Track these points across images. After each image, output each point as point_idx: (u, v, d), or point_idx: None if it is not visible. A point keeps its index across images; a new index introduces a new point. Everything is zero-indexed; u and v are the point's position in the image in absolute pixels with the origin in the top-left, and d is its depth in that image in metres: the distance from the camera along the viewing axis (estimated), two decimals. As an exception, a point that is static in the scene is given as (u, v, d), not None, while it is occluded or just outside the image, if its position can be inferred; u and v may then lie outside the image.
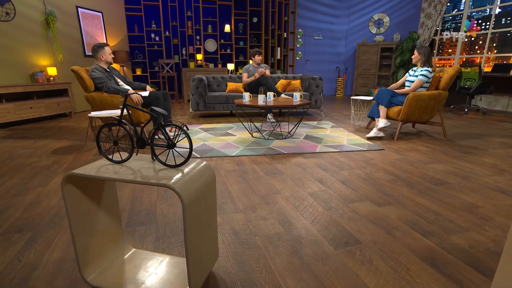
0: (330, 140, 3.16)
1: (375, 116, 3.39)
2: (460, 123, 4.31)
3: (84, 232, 1.06)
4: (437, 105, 3.25)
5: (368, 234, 1.41)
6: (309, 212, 1.62)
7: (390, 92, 3.31)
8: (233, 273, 1.15)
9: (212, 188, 1.07)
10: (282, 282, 1.09)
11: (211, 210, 1.07)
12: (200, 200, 0.96)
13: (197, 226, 0.95)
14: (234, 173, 2.23)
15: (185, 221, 0.88)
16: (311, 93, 4.66)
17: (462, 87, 5.61)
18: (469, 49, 7.59)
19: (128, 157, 1.01)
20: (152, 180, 0.88)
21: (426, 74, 3.24)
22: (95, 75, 3.04)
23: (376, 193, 1.87)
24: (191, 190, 0.91)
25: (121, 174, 0.92)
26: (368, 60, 7.78)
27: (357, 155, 2.67)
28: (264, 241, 1.35)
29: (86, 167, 0.99)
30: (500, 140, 3.28)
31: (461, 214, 1.61)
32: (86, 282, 1.05)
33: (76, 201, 1.02)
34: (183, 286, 1.04)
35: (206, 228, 1.03)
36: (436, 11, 7.05)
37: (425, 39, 7.26)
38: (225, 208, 1.68)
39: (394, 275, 1.13)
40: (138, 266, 1.16)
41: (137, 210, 1.67)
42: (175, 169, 0.97)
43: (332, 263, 1.20)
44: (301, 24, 8.07)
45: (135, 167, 0.99)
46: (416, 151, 2.81)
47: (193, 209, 0.91)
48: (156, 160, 1.01)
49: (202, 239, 1.00)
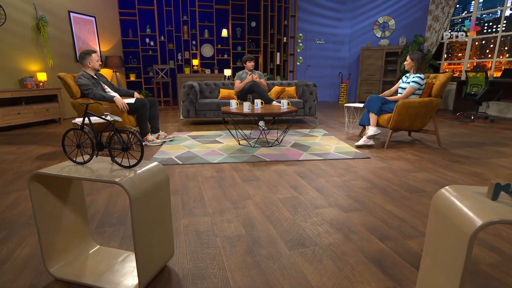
0: (317, 148, 3.33)
1: (366, 124, 3.55)
2: (462, 131, 4.44)
3: (49, 227, 1.25)
4: (429, 113, 3.40)
5: (325, 237, 1.57)
6: (274, 217, 1.79)
7: (380, 99, 3.47)
8: (187, 268, 1.32)
9: (165, 188, 1.25)
10: (230, 277, 1.26)
11: (163, 209, 1.25)
12: (149, 197, 1.15)
13: (146, 222, 1.14)
14: (212, 180, 2.41)
15: (133, 215, 1.06)
16: (305, 100, 4.86)
17: (468, 94, 5.74)
18: (479, 53, 7.72)
19: (89, 159, 1.21)
20: (105, 178, 1.07)
21: (418, 81, 3.41)
22: (81, 81, 3.28)
23: (347, 199, 2.03)
24: (139, 187, 1.09)
25: (80, 173, 1.12)
26: (373, 65, 7.97)
27: (341, 163, 2.83)
28: (224, 242, 1.53)
29: (51, 167, 1.19)
30: (497, 149, 3.40)
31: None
32: (49, 273, 1.24)
33: (42, 198, 1.21)
34: (135, 277, 1.21)
35: (157, 225, 1.21)
36: (443, 14, 7.23)
37: (433, 43, 7.43)
38: (194, 212, 1.86)
39: (338, 274, 1.29)
40: (100, 261, 1.35)
41: (110, 212, 1.86)
42: (129, 170, 1.16)
43: (283, 262, 1.36)
44: (301, 28, 8.34)
45: (94, 167, 1.18)
46: (403, 160, 2.96)
47: (141, 204, 1.10)
48: (114, 161, 1.21)
49: (152, 235, 1.18)
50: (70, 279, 1.22)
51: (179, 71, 7.72)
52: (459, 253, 0.81)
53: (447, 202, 0.92)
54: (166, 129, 4.67)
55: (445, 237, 0.90)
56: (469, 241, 0.78)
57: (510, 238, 1.57)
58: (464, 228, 0.80)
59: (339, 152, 3.18)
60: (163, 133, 3.78)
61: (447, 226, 0.89)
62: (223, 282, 1.23)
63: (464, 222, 0.81)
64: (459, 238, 0.82)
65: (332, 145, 3.49)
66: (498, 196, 0.86)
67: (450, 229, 0.87)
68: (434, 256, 0.95)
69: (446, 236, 0.89)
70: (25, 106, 4.58)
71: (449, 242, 0.87)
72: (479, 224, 0.76)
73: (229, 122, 5.12)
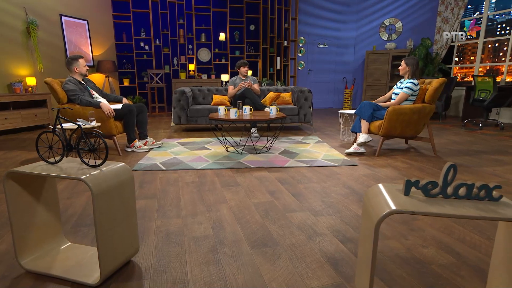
0: (306, 156, 3.51)
1: (357, 131, 3.74)
2: (465, 139, 4.58)
3: (22, 223, 1.46)
4: (423, 120, 3.57)
5: (289, 238, 1.76)
6: (245, 219, 1.98)
7: (372, 105, 3.66)
8: (151, 263, 1.52)
9: (129, 187, 1.46)
10: (189, 271, 1.45)
11: (127, 206, 1.46)
12: (112, 194, 1.35)
13: (108, 217, 1.34)
14: (192, 185, 2.62)
15: (95, 209, 1.27)
16: (300, 106, 5.07)
17: (476, 100, 5.88)
18: (492, 56, 7.87)
19: (60, 159, 1.43)
20: (71, 175, 1.28)
21: (410, 86, 3.60)
22: (68, 87, 3.55)
23: (320, 204, 2.21)
24: (102, 184, 1.30)
25: (50, 172, 1.33)
26: (378, 70, 8.17)
27: (325, 170, 3.01)
28: (190, 241, 1.72)
29: (25, 166, 1.41)
30: (496, 158, 3.54)
31: (394, 225, 1.93)
32: (20, 266, 1.44)
33: (16, 195, 1.43)
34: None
35: (120, 221, 1.41)
36: (453, 15, 7.43)
37: (442, 46, 7.61)
38: (168, 214, 2.06)
39: (292, 271, 1.47)
40: (70, 256, 1.55)
41: (87, 214, 2.07)
42: (94, 168, 1.37)
43: (242, 260, 1.55)
44: (303, 31, 8.61)
45: (64, 166, 1.40)
46: (391, 168, 3.13)
47: (103, 200, 1.30)
48: (82, 161, 1.42)
49: (115, 230, 1.39)
50: (39, 271, 1.43)
51: (174, 76, 8.02)
52: (370, 240, 1.00)
53: (370, 197, 1.11)
54: (157, 135, 4.91)
55: (365, 228, 1.09)
56: (374, 229, 0.97)
57: (467, 240, 1.73)
58: (373, 217, 0.99)
59: (327, 159, 3.36)
60: (151, 139, 4.01)
61: (367, 218, 1.08)
62: (182, 275, 1.43)
63: (375, 213, 1.00)
64: (370, 227, 1.01)
65: (322, 152, 3.67)
66: (410, 191, 1.05)
67: (368, 220, 1.06)
68: (363, 245, 1.14)
69: (366, 226, 1.08)
70: (13, 111, 4.88)
71: (367, 231, 1.06)
72: (382, 214, 0.95)
73: (222, 129, 5.34)
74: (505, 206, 0.96)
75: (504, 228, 1.08)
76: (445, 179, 1.01)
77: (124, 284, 1.37)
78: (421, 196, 1.04)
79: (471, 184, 0.99)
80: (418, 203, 0.98)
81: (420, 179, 1.04)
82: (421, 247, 1.67)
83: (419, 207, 0.95)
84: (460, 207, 0.95)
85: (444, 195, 1.02)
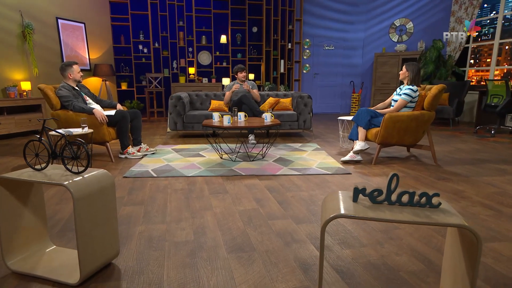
0: (300, 163, 3.69)
1: (354, 138, 3.90)
2: (471, 147, 4.69)
3: (9, 226, 1.67)
4: (421, 127, 3.72)
5: (267, 244, 1.93)
6: (227, 226, 2.16)
7: (370, 112, 3.82)
8: (130, 266, 1.71)
9: (110, 193, 1.66)
10: (165, 274, 1.64)
11: (108, 211, 1.65)
12: (93, 199, 1.55)
13: (88, 220, 1.54)
14: (180, 192, 2.82)
15: (75, 213, 1.47)
16: (299, 112, 5.25)
17: (488, 105, 5.99)
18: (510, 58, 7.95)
19: (45, 166, 1.64)
20: (54, 181, 1.49)
21: (409, 93, 3.75)
22: (61, 93, 3.80)
23: (304, 212, 2.38)
24: (83, 190, 1.50)
25: (36, 177, 1.54)
26: (388, 73, 8.31)
27: (317, 179, 3.18)
28: (171, 246, 1.91)
29: (13, 172, 1.62)
30: (499, 167, 3.66)
31: (373, 233, 2.09)
32: (6, 266, 1.65)
33: (4, 199, 1.64)
34: (81, 270, 1.61)
35: (100, 224, 1.61)
36: (467, 15, 7.56)
37: (456, 47, 7.74)
38: (153, 220, 2.26)
39: (264, 274, 1.64)
40: (54, 258, 1.75)
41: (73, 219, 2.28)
42: (77, 175, 1.57)
43: (217, 263, 1.73)
44: (308, 33, 8.82)
45: (49, 173, 1.61)
46: (385, 176, 3.28)
47: (84, 205, 1.50)
48: (66, 168, 1.63)
49: (95, 233, 1.58)
50: (24, 272, 1.63)
51: (174, 80, 8.28)
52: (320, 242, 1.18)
53: (326, 202, 1.29)
54: (153, 141, 5.14)
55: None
56: (320, 232, 1.14)
57: (444, 250, 1.88)
58: (322, 221, 1.17)
59: (321, 167, 3.53)
60: (145, 145, 4.24)
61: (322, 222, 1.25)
62: (158, 277, 1.61)
63: (324, 217, 1.18)
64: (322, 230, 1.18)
65: (317, 160, 3.84)
66: (358, 198, 1.22)
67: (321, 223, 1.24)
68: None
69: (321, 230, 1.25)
70: (7, 116, 5.17)
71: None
72: (328, 217, 1.13)
73: (219, 135, 5.55)
74: (440, 212, 1.13)
75: (450, 235, 1.25)
76: (389, 187, 1.18)
77: (102, 284, 1.57)
78: (368, 203, 1.21)
79: (412, 192, 1.16)
80: (362, 208, 1.16)
81: (411, 189, 1.21)
82: (394, 255, 1.83)
83: (360, 212, 1.12)
84: (398, 213, 1.12)
85: (389, 202, 1.19)
